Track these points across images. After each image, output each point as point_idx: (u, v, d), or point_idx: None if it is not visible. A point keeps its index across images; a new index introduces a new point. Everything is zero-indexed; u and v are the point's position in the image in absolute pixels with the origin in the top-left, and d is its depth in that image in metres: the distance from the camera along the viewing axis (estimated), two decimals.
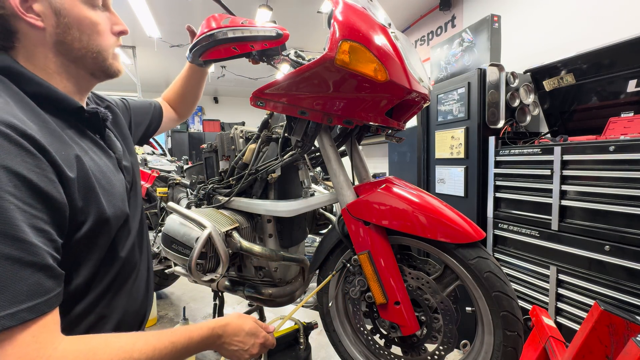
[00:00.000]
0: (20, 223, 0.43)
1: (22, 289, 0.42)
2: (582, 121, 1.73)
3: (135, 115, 0.96)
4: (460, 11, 3.66)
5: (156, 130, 1.05)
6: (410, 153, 2.65)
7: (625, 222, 1.22)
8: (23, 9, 0.54)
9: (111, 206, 0.60)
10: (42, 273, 0.45)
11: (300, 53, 0.92)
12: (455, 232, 0.77)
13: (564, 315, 1.43)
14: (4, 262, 0.41)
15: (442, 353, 0.85)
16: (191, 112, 1.22)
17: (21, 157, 0.45)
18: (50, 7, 0.56)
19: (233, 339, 0.68)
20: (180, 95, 1.14)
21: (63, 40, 0.58)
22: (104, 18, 0.64)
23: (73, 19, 0.58)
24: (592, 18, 2.27)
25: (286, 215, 1.03)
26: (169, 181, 1.97)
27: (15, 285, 0.41)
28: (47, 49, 0.58)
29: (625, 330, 0.81)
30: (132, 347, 0.51)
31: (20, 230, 0.42)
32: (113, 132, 0.75)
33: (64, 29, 0.58)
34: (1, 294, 0.40)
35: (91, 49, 0.62)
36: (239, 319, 0.71)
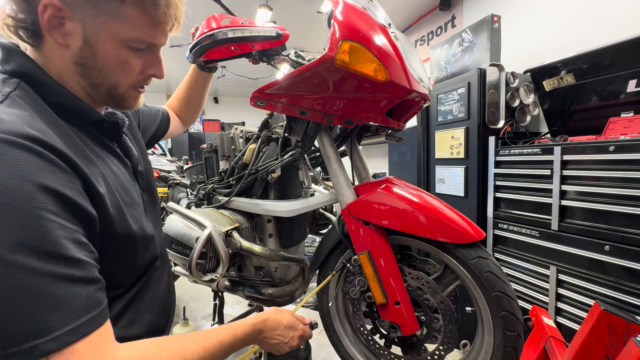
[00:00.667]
0: (63, 241, 0.43)
1: (78, 304, 0.43)
2: (582, 121, 1.73)
3: (143, 119, 0.96)
4: (460, 11, 3.67)
5: (162, 136, 1.05)
6: (410, 153, 2.65)
7: (625, 222, 1.22)
8: (52, 24, 0.52)
9: (135, 220, 0.60)
10: (92, 286, 0.46)
11: (300, 53, 0.92)
12: (455, 232, 0.77)
13: (564, 315, 1.43)
14: (56, 281, 0.42)
15: (442, 353, 0.85)
16: (195, 118, 1.21)
17: (54, 173, 0.45)
18: (81, 32, 0.53)
19: (273, 333, 0.71)
20: (184, 101, 1.13)
21: (83, 64, 0.56)
22: (141, 59, 0.60)
23: (101, 51, 0.55)
24: (592, 18, 2.28)
25: (286, 215, 1.03)
26: (169, 181, 1.97)
27: (71, 302, 0.43)
28: (65, 65, 0.56)
29: (625, 330, 0.81)
30: (185, 349, 0.54)
31: (65, 247, 0.43)
32: (129, 137, 0.74)
33: (87, 55, 0.55)
34: (59, 312, 0.41)
35: (109, 81, 0.59)
36: (277, 314, 0.74)
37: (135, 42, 0.57)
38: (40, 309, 0.40)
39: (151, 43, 0.59)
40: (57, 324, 0.41)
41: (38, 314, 0.40)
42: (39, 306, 0.40)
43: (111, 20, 0.53)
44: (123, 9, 0.53)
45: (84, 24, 0.53)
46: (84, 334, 0.43)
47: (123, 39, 0.55)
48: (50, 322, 0.40)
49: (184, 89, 1.12)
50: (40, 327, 0.40)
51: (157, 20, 0.56)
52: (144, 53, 0.60)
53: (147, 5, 0.54)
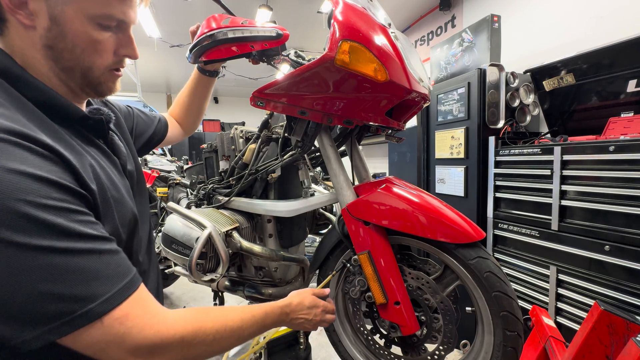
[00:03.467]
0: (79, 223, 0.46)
1: (112, 272, 0.47)
2: (582, 121, 1.73)
3: (137, 125, 0.94)
4: (460, 11, 3.67)
5: (159, 142, 1.03)
6: (410, 153, 2.66)
7: (625, 222, 1.22)
8: (14, 3, 0.49)
9: (121, 217, 0.60)
10: (117, 255, 0.50)
11: (300, 53, 0.92)
12: (455, 232, 0.77)
13: (564, 315, 1.43)
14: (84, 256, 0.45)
15: (442, 353, 0.85)
16: (196, 125, 1.19)
17: (47, 165, 0.45)
18: (46, 11, 0.50)
19: (299, 314, 0.77)
20: (185, 106, 1.12)
21: (52, 46, 0.53)
22: (112, 38, 0.58)
23: (70, 30, 0.52)
24: (592, 18, 2.28)
25: (286, 215, 1.03)
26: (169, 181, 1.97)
27: (106, 271, 0.46)
28: (35, 49, 0.53)
29: (625, 330, 0.81)
30: (225, 317, 0.60)
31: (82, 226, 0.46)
32: (117, 134, 0.72)
33: (55, 35, 0.52)
34: (99, 280, 0.45)
35: (82, 64, 0.56)
36: (298, 297, 0.79)
37: (104, 18, 0.54)
38: (81, 281, 0.43)
39: (120, 19, 0.57)
40: (101, 290, 0.45)
41: (80, 285, 0.43)
42: (79, 278, 0.43)
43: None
44: None
45: (49, 1, 0.50)
46: (125, 296, 0.47)
47: (91, 14, 0.53)
48: (94, 289, 0.44)
49: (185, 94, 1.11)
50: (87, 295, 0.44)
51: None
52: (115, 32, 0.58)
53: None
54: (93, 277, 0.45)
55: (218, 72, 1.08)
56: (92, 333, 0.44)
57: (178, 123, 1.13)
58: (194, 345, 0.53)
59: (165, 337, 0.49)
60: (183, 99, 1.12)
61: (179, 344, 0.51)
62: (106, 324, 0.45)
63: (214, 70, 1.06)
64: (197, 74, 1.06)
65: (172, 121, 1.10)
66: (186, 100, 1.11)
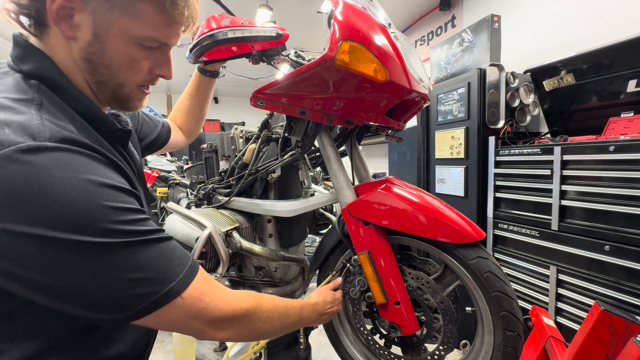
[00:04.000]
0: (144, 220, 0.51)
1: (179, 254, 0.53)
2: (582, 121, 1.73)
3: (142, 127, 0.94)
4: (460, 11, 3.66)
5: (161, 147, 1.03)
6: (410, 153, 2.65)
7: (625, 222, 1.22)
8: (60, 15, 0.49)
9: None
10: (175, 241, 0.55)
11: (300, 53, 0.92)
12: (455, 232, 0.77)
13: (564, 315, 1.43)
14: (158, 244, 0.51)
15: (442, 353, 0.85)
16: (198, 130, 1.19)
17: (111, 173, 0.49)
18: (91, 26, 0.50)
19: (325, 311, 0.83)
20: (186, 110, 1.12)
21: (90, 60, 0.53)
22: (150, 58, 0.58)
23: (111, 47, 0.52)
24: (592, 18, 2.27)
25: (286, 215, 1.03)
26: (169, 181, 1.97)
27: (175, 253, 0.52)
28: (71, 59, 0.53)
29: (625, 330, 0.81)
30: (274, 301, 0.67)
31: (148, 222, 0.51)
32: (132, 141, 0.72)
33: (95, 50, 0.52)
34: (171, 262, 0.51)
35: (115, 80, 0.56)
36: (319, 296, 0.84)
37: (147, 40, 0.55)
38: (160, 266, 0.49)
39: (163, 42, 0.57)
40: (177, 270, 0.51)
41: (160, 269, 0.49)
42: (159, 263, 0.49)
43: (125, 16, 0.51)
44: (139, 5, 0.51)
45: (95, 17, 0.50)
46: (194, 273, 0.53)
47: (135, 36, 0.53)
48: (171, 271, 0.50)
49: (186, 97, 1.11)
50: (167, 276, 0.49)
51: (173, 20, 0.55)
52: (154, 52, 0.58)
53: (166, 4, 0.52)
54: (168, 261, 0.51)
55: (218, 72, 1.08)
56: (176, 310, 0.50)
57: (180, 128, 1.13)
58: (253, 321, 0.60)
59: (235, 310, 0.57)
60: (184, 103, 1.12)
61: (244, 317, 0.58)
62: (188, 301, 0.51)
63: (214, 70, 1.06)
64: (197, 75, 1.06)
65: (174, 127, 1.10)
66: (187, 103, 1.11)
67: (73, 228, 0.41)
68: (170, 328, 0.52)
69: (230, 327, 0.57)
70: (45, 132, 0.43)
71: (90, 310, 0.45)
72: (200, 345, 1.96)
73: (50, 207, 0.40)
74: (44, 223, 0.40)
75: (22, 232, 0.39)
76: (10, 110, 0.44)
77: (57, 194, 0.41)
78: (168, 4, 0.52)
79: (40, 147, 0.41)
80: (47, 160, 0.41)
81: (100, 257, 0.44)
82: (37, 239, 0.40)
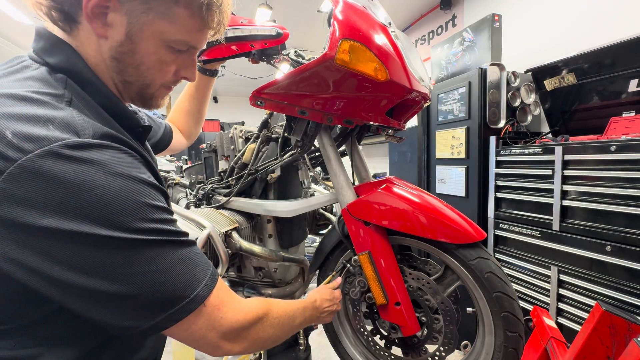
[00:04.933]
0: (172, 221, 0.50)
1: (202, 260, 0.52)
2: (583, 121, 1.73)
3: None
4: (460, 10, 3.66)
5: (164, 149, 1.03)
6: (410, 153, 2.65)
7: (626, 223, 1.22)
8: (94, 13, 0.48)
9: None
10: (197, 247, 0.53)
11: (300, 52, 0.92)
12: (456, 232, 0.77)
13: (565, 316, 1.43)
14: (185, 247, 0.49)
15: (442, 354, 0.85)
16: (197, 131, 1.18)
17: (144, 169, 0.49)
18: (125, 26, 0.50)
19: (325, 309, 0.82)
20: (186, 111, 1.11)
21: (119, 59, 0.53)
22: (177, 60, 0.58)
23: (142, 48, 0.52)
24: (593, 17, 2.27)
25: (286, 215, 1.03)
26: (168, 181, 1.97)
27: (199, 259, 0.51)
28: (100, 58, 0.52)
29: (627, 330, 0.81)
30: (281, 305, 0.66)
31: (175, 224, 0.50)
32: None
33: (126, 50, 0.52)
34: (198, 267, 0.50)
35: (142, 80, 0.56)
36: (317, 294, 0.83)
37: (178, 43, 0.55)
38: (188, 269, 0.48)
39: (192, 46, 0.57)
40: (201, 276, 0.50)
41: (189, 273, 0.48)
42: (187, 267, 0.48)
43: (160, 19, 0.51)
44: (175, 9, 0.51)
45: (130, 17, 0.50)
46: (215, 280, 0.52)
47: (168, 39, 0.53)
48: (197, 276, 0.49)
49: (184, 98, 1.10)
50: (192, 281, 0.48)
51: (206, 25, 0.55)
52: (181, 55, 0.58)
53: (202, 10, 0.52)
54: (195, 265, 0.49)
55: (217, 71, 1.07)
56: (198, 319, 0.48)
57: (179, 130, 1.12)
58: (265, 328, 0.58)
59: (249, 319, 0.55)
60: (183, 104, 1.11)
61: (257, 326, 0.57)
62: (208, 310, 0.49)
63: (213, 69, 1.05)
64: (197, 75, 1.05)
65: (174, 129, 1.09)
66: (186, 104, 1.11)
67: (112, 224, 0.41)
68: (186, 340, 0.49)
69: (245, 338, 0.55)
70: (89, 128, 0.43)
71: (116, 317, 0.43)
72: None
73: (95, 203, 0.40)
74: (87, 219, 0.39)
75: (65, 229, 0.39)
76: (47, 105, 0.43)
77: (99, 190, 0.40)
78: (204, 9, 0.53)
79: (86, 144, 0.42)
80: (92, 156, 0.41)
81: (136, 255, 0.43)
82: (79, 235, 0.39)
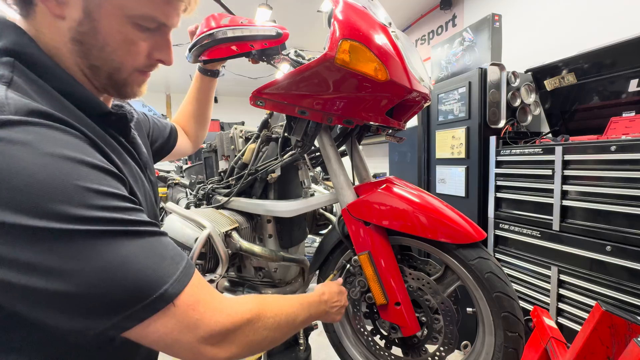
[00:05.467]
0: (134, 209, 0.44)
1: (173, 252, 0.46)
2: (583, 121, 1.73)
3: (153, 131, 0.91)
4: (460, 10, 3.66)
5: (169, 152, 1.00)
6: (410, 153, 2.65)
7: (626, 223, 1.22)
8: None
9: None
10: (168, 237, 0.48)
11: (300, 52, 0.92)
12: (456, 232, 0.77)
13: (565, 316, 1.43)
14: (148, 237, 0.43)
15: (442, 354, 0.85)
16: (202, 134, 1.16)
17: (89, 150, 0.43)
18: (80, 3, 0.46)
19: (333, 303, 0.78)
20: (189, 114, 1.10)
21: (81, 41, 0.48)
22: (148, 40, 0.53)
23: (104, 27, 0.48)
24: (593, 17, 2.27)
25: (286, 215, 1.03)
26: (168, 181, 1.97)
27: (168, 251, 0.45)
28: (61, 41, 0.48)
29: (627, 331, 0.81)
30: (279, 303, 0.59)
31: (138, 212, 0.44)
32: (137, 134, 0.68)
33: (87, 30, 0.47)
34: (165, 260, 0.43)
35: (110, 64, 0.51)
36: (325, 287, 0.79)
37: (144, 19, 0.50)
38: (152, 263, 0.42)
39: (162, 22, 0.52)
40: (170, 270, 0.43)
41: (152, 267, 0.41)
42: (150, 261, 0.42)
43: None
44: None
45: None
46: (189, 276, 0.45)
47: (130, 14, 0.48)
48: (165, 270, 0.42)
49: (188, 101, 1.10)
50: (159, 276, 0.41)
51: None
52: (153, 34, 0.53)
53: None
54: (159, 259, 0.43)
55: (218, 72, 1.07)
56: (167, 320, 0.41)
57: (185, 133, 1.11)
58: (257, 330, 0.51)
59: (235, 322, 0.47)
60: (187, 107, 1.11)
61: (246, 328, 0.49)
62: (180, 310, 0.42)
63: (214, 70, 1.05)
64: (198, 76, 1.05)
65: (180, 131, 1.08)
66: (190, 107, 1.10)
67: (43, 213, 0.35)
68: (157, 345, 0.43)
69: (232, 342, 0.47)
70: (10, 105, 0.37)
71: (64, 318, 0.37)
72: None
73: (17, 189, 0.34)
74: (10, 208, 0.34)
75: None
76: None
77: (24, 174, 0.35)
78: None
79: (4, 121, 0.36)
80: (13, 135, 0.35)
81: (78, 247, 0.37)
82: (7, 227, 0.34)
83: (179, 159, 2.90)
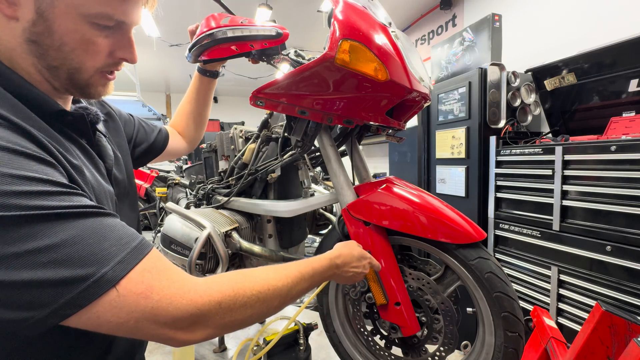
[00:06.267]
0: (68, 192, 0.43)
1: (120, 233, 0.43)
2: (583, 121, 1.73)
3: (138, 133, 0.91)
4: (461, 10, 3.66)
5: (158, 154, 0.99)
6: (410, 153, 2.65)
7: (626, 223, 1.22)
8: None
9: None
10: (119, 220, 0.46)
11: (300, 52, 0.92)
12: (456, 232, 0.77)
13: (565, 316, 1.43)
14: (80, 218, 0.41)
15: (442, 354, 0.85)
16: (199, 135, 1.15)
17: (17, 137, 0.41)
18: (32, 3, 0.45)
19: (349, 267, 0.72)
20: (187, 114, 1.10)
21: (36, 41, 0.47)
22: (108, 39, 0.51)
23: (59, 27, 0.46)
24: (593, 17, 2.27)
25: (286, 215, 1.03)
26: (168, 181, 1.97)
27: (113, 232, 0.43)
28: (15, 42, 0.47)
29: (627, 331, 0.81)
30: (267, 276, 0.55)
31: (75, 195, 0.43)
32: (107, 136, 0.67)
33: (41, 31, 0.46)
34: (106, 241, 0.41)
35: (69, 64, 0.50)
36: (345, 248, 0.74)
37: (100, 17, 0.48)
38: (87, 246, 0.39)
39: (120, 20, 0.50)
40: (112, 252, 0.41)
41: (88, 249, 0.39)
42: (85, 243, 0.39)
43: None
44: None
45: None
46: (138, 258, 0.43)
47: (85, 13, 0.47)
48: (105, 251, 0.40)
49: (186, 101, 1.09)
50: (97, 258, 0.39)
51: None
52: (113, 32, 0.51)
53: None
54: (98, 240, 0.40)
55: (218, 72, 1.07)
56: (112, 308, 0.39)
57: (181, 134, 1.11)
58: (236, 310, 0.48)
59: (201, 305, 0.45)
60: (184, 107, 1.10)
61: (217, 311, 0.46)
62: (128, 299, 0.40)
63: (214, 70, 1.05)
64: (197, 77, 1.05)
65: (173, 133, 1.07)
66: (188, 107, 1.10)
67: None
68: (119, 333, 0.41)
69: (205, 325, 0.45)
70: None
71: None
72: (200, 347, 1.96)
73: None
74: None
75: None
76: None
77: None
78: None
79: None
80: None
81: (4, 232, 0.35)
82: None
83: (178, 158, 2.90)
